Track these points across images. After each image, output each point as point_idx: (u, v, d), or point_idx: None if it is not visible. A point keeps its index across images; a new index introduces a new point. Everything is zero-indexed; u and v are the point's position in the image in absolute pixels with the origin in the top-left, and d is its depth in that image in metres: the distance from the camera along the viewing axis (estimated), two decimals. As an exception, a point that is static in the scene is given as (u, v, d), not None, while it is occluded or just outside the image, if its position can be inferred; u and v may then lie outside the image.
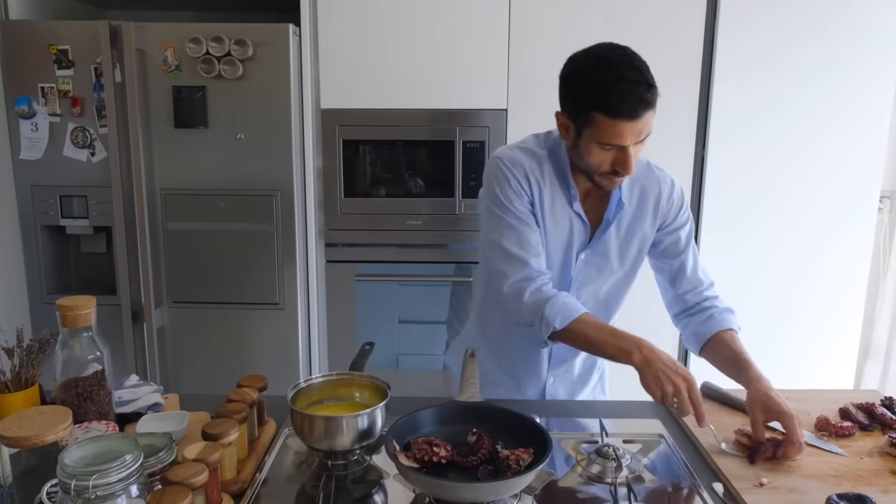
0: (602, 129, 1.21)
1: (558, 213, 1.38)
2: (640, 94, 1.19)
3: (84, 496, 0.81)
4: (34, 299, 2.38)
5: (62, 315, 1.08)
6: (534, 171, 1.36)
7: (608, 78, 1.20)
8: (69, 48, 2.21)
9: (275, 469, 1.13)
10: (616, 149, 1.23)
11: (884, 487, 1.06)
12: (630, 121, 1.19)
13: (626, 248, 1.42)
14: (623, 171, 1.25)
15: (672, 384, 1.15)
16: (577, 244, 1.40)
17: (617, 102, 1.19)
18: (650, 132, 1.25)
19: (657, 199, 1.40)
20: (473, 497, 0.98)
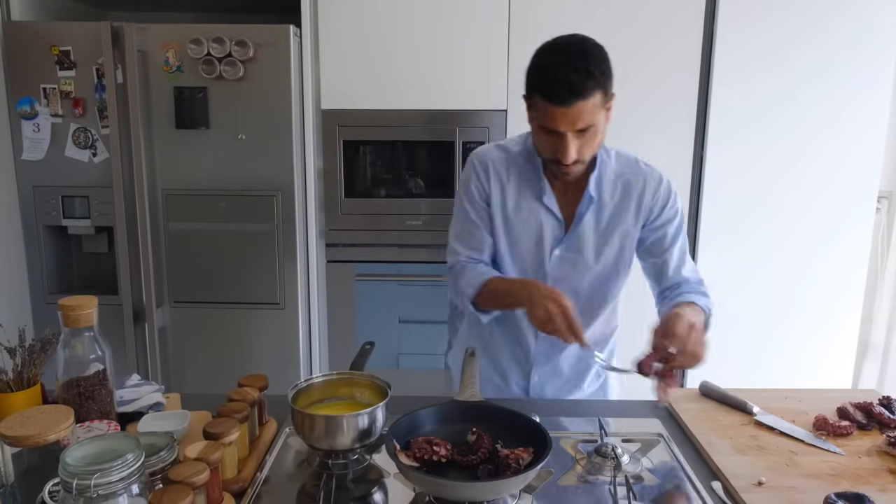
0: (541, 113, 1.23)
1: (526, 208, 1.39)
2: (574, 83, 1.17)
3: (86, 495, 0.81)
4: (36, 299, 2.38)
5: (64, 315, 1.08)
6: (498, 169, 1.40)
7: (550, 62, 1.22)
8: (71, 49, 2.21)
9: (276, 468, 1.13)
10: (557, 135, 1.23)
11: (882, 486, 1.06)
12: (562, 107, 1.19)
13: (604, 243, 1.39)
14: (562, 158, 1.24)
15: (544, 308, 1.17)
16: (550, 240, 1.40)
17: (550, 87, 1.20)
18: (594, 123, 1.22)
19: (641, 195, 1.38)
20: (473, 496, 0.98)
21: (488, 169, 1.41)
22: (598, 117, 1.23)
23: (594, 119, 1.22)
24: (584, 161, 1.29)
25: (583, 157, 1.27)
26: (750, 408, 1.31)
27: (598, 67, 1.20)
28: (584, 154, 1.27)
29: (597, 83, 1.20)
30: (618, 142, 2.34)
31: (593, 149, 1.28)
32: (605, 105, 1.25)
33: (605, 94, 1.23)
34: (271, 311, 2.39)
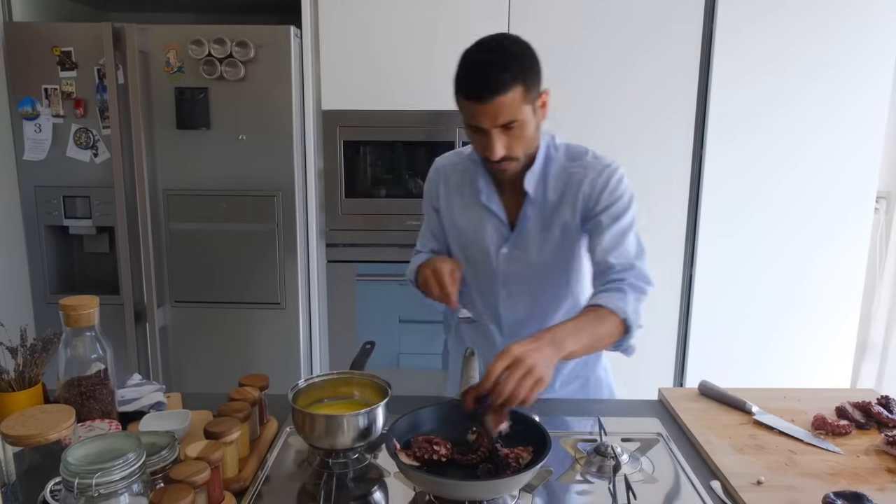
0: (465, 112, 1.24)
1: (472, 208, 1.41)
2: (489, 79, 1.17)
3: (87, 494, 0.81)
4: (38, 299, 2.38)
5: (65, 314, 1.08)
6: (448, 175, 1.45)
7: (467, 62, 1.22)
8: (72, 50, 2.21)
9: (276, 467, 1.13)
10: (482, 132, 1.23)
11: (880, 485, 1.06)
12: (480, 103, 1.19)
13: (545, 239, 1.38)
14: (489, 155, 1.25)
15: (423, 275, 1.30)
16: (496, 239, 1.40)
17: (468, 85, 1.21)
18: (517, 118, 1.21)
19: (579, 186, 1.35)
20: (473, 495, 0.98)
21: (439, 175, 1.48)
22: (522, 113, 1.21)
23: (516, 114, 1.20)
24: (517, 157, 1.28)
25: (513, 154, 1.26)
26: (749, 407, 1.31)
27: (514, 62, 1.19)
28: (514, 150, 1.26)
29: (513, 77, 1.18)
30: (617, 142, 2.36)
31: (524, 145, 1.27)
32: (529, 100, 1.22)
33: (526, 89, 1.20)
34: (272, 311, 2.39)
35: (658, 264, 2.42)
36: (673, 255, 2.44)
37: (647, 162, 2.37)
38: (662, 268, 2.45)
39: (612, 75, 2.32)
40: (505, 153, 1.24)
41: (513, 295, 1.42)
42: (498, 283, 1.42)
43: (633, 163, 2.37)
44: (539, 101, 1.27)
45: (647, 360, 2.49)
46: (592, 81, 2.33)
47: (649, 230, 2.40)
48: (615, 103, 2.34)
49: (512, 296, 1.42)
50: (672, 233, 2.42)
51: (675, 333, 2.50)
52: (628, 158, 2.35)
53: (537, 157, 1.36)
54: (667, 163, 2.38)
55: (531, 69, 1.22)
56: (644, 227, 2.41)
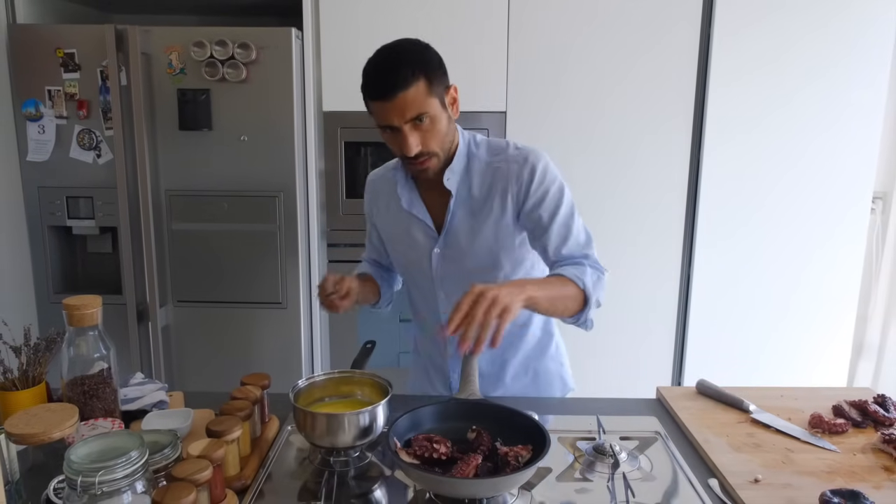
0: (375, 114, 1.26)
1: (399, 217, 1.43)
2: (390, 75, 1.20)
3: (90, 492, 0.81)
4: (41, 298, 2.38)
5: (69, 314, 1.08)
6: (378, 187, 1.49)
7: (368, 65, 1.25)
8: (76, 52, 2.21)
9: (278, 465, 1.13)
10: (395, 131, 1.24)
11: (876, 483, 1.06)
12: (385, 100, 1.21)
13: (477, 236, 1.36)
14: (405, 152, 1.25)
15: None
16: (426, 241, 1.41)
17: (372, 85, 1.23)
18: (425, 111, 1.22)
19: (506, 180, 1.33)
20: (473, 493, 0.98)
21: (370, 190, 1.52)
22: (430, 106, 1.22)
23: (423, 107, 1.21)
24: (434, 152, 1.27)
25: (428, 148, 1.26)
26: (746, 406, 1.31)
27: (412, 57, 1.22)
28: (429, 145, 1.26)
29: (413, 72, 1.20)
30: (616, 143, 2.37)
31: (438, 140, 1.27)
32: (435, 94, 1.23)
33: (429, 82, 1.22)
34: (273, 311, 2.39)
35: (656, 264, 2.44)
36: (671, 255, 2.44)
37: (646, 162, 2.37)
38: (660, 267, 2.45)
39: (611, 76, 2.32)
40: (420, 148, 1.25)
41: (451, 295, 1.40)
42: (435, 285, 1.42)
43: (631, 163, 2.38)
44: (448, 96, 1.28)
45: (645, 359, 2.50)
46: (591, 82, 2.33)
47: (648, 230, 2.42)
48: (614, 104, 2.34)
49: (450, 296, 1.40)
50: (670, 233, 2.42)
51: (674, 333, 2.50)
52: (627, 159, 2.37)
53: (457, 154, 1.36)
54: (665, 163, 2.38)
55: (431, 63, 1.24)
56: (643, 227, 2.44)
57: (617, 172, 2.38)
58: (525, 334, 1.48)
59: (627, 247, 2.43)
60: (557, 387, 1.54)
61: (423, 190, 1.41)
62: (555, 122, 2.35)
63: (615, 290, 2.42)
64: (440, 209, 1.39)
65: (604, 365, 2.50)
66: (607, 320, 2.47)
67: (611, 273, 2.39)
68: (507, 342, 1.45)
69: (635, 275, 2.45)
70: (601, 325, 1.55)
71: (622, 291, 2.45)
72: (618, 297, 2.45)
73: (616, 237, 2.42)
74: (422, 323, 1.52)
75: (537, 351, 1.50)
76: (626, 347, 2.48)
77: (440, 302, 1.44)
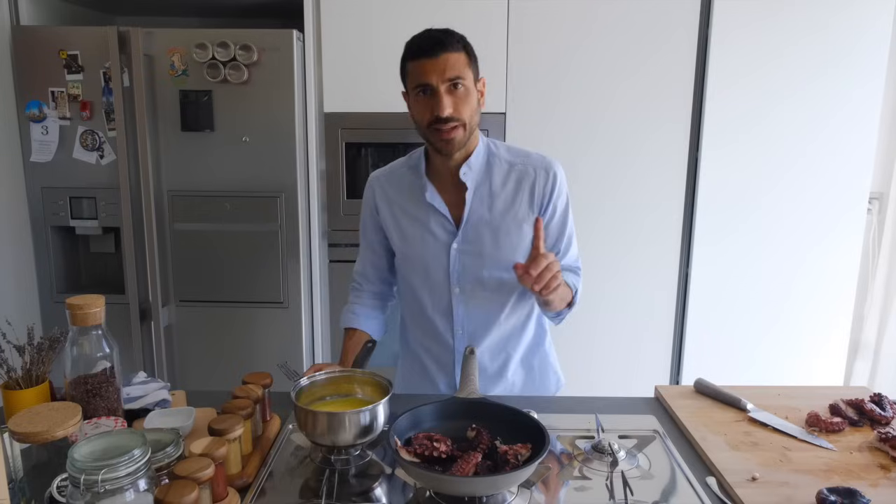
0: (412, 75, 1.32)
1: (415, 211, 1.44)
2: (435, 36, 1.30)
3: (93, 490, 0.81)
4: (44, 298, 2.38)
5: (72, 313, 1.08)
6: (384, 186, 1.50)
7: (415, 35, 1.35)
8: (79, 53, 2.21)
9: (279, 464, 1.13)
10: (430, 92, 1.30)
11: (873, 481, 1.06)
12: (428, 58, 1.28)
13: (500, 232, 1.41)
14: (438, 112, 1.29)
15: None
16: (443, 236, 1.42)
17: (417, 46, 1.31)
18: (463, 77, 1.29)
19: (532, 183, 1.41)
20: (472, 491, 0.98)
21: (374, 190, 1.51)
22: (467, 76, 1.30)
23: (462, 73, 1.29)
24: (463, 121, 1.31)
25: (459, 114, 1.31)
26: (744, 405, 1.31)
27: (459, 35, 1.33)
28: (461, 111, 1.31)
29: (459, 42, 1.31)
30: (614, 147, 2.36)
31: (468, 111, 1.32)
32: (472, 70, 1.33)
33: (469, 59, 1.32)
34: (275, 310, 2.39)
35: (655, 264, 2.44)
36: (669, 255, 2.44)
37: (645, 164, 2.37)
38: (659, 268, 2.45)
39: (610, 79, 2.32)
40: (452, 111, 1.29)
41: (465, 291, 1.44)
42: (451, 281, 1.43)
43: (630, 165, 2.38)
44: (479, 83, 1.36)
45: (643, 358, 2.50)
46: (590, 84, 2.33)
47: (647, 231, 2.42)
48: (613, 106, 2.34)
49: (465, 292, 1.44)
50: (669, 233, 2.43)
51: (672, 332, 2.50)
52: (626, 160, 2.38)
53: (475, 151, 1.41)
54: (664, 164, 2.38)
55: (472, 50, 1.35)
56: (641, 227, 2.44)
57: (616, 174, 2.38)
58: (526, 328, 1.51)
59: (626, 247, 2.43)
60: (552, 380, 1.58)
61: (437, 186, 1.43)
62: (554, 124, 2.35)
63: (614, 290, 2.44)
64: (455, 205, 1.42)
65: (602, 364, 2.50)
66: (606, 319, 2.48)
67: (609, 273, 2.42)
68: (510, 335, 1.49)
69: (634, 275, 2.45)
70: (599, 324, 1.56)
71: (621, 291, 2.45)
72: (617, 297, 2.46)
73: (615, 237, 2.42)
74: (426, 324, 1.50)
75: (534, 344, 1.54)
76: (624, 346, 2.48)
77: (454, 298, 1.44)
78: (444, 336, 1.48)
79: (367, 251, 1.56)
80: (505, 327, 1.47)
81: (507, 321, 1.47)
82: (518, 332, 1.50)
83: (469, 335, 1.47)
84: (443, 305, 1.46)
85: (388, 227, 1.49)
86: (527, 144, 1.50)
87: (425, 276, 1.46)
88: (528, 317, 1.51)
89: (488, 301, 1.45)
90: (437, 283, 1.45)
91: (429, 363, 1.53)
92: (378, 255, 1.55)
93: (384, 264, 1.57)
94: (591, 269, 2.41)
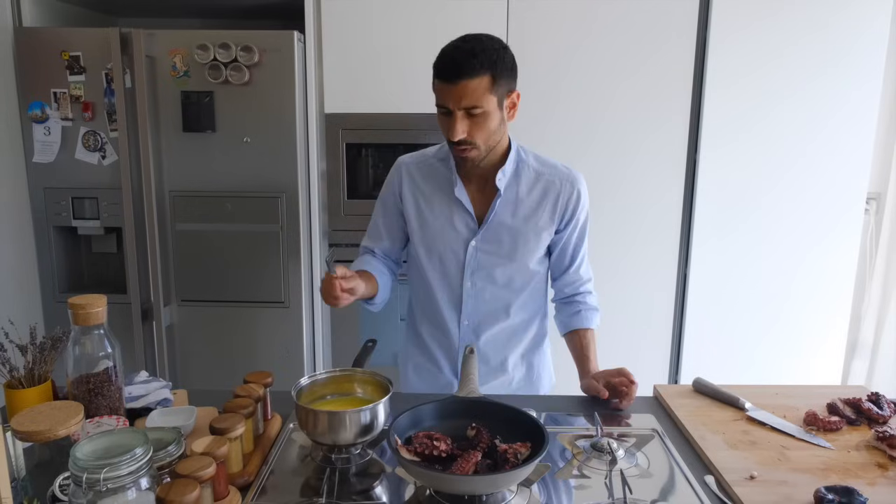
0: (436, 92, 1.32)
1: (440, 202, 1.45)
2: (459, 62, 1.26)
3: (95, 489, 0.81)
4: (47, 298, 2.38)
5: (74, 313, 1.08)
6: (412, 172, 1.49)
7: (447, 46, 1.31)
8: (81, 54, 2.21)
9: (280, 462, 1.13)
10: (448, 113, 1.30)
11: (870, 480, 1.06)
12: (447, 83, 1.27)
13: (520, 237, 1.44)
14: (450, 136, 1.30)
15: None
16: (465, 232, 1.44)
17: (440, 66, 1.29)
18: (480, 106, 1.27)
19: (557, 195, 1.44)
20: (472, 489, 0.98)
21: (402, 173, 1.51)
22: (487, 102, 1.27)
23: (480, 101, 1.26)
24: (475, 144, 1.32)
25: (472, 139, 1.31)
26: (742, 404, 1.31)
27: (485, 53, 1.26)
28: (476, 136, 1.31)
29: (482, 65, 1.25)
30: (614, 146, 2.37)
31: (484, 135, 1.32)
32: (496, 93, 1.29)
33: (493, 80, 1.27)
34: (276, 310, 2.39)
35: (654, 264, 2.44)
36: (668, 256, 2.44)
37: (644, 165, 2.37)
38: (658, 268, 2.45)
39: (610, 80, 2.32)
40: (464, 136, 1.30)
41: (476, 286, 1.47)
42: (465, 274, 1.46)
43: (630, 166, 2.38)
44: (508, 99, 1.33)
45: (642, 357, 2.50)
46: (590, 86, 2.33)
47: (646, 231, 2.42)
48: (613, 107, 2.34)
49: (475, 287, 1.47)
50: (668, 233, 2.43)
51: (670, 332, 2.50)
52: (625, 161, 2.38)
53: (509, 157, 1.42)
54: (663, 165, 2.38)
55: (502, 64, 1.29)
56: (640, 227, 2.44)
57: (615, 174, 2.38)
58: (530, 326, 1.55)
59: (626, 247, 2.43)
60: (546, 379, 1.62)
61: (464, 182, 1.45)
62: (554, 124, 2.35)
63: (614, 290, 2.44)
64: (480, 204, 1.44)
65: (602, 363, 2.48)
66: (605, 319, 2.45)
67: (609, 273, 2.42)
68: (514, 331, 1.52)
69: (633, 275, 2.45)
70: (600, 324, 1.57)
71: (620, 291, 2.45)
72: (616, 297, 2.45)
73: (615, 238, 2.42)
74: (434, 313, 1.52)
75: (536, 344, 1.57)
76: (623, 346, 2.48)
77: (465, 291, 1.47)
78: (449, 326, 1.51)
79: (383, 231, 1.55)
80: (510, 323, 1.50)
81: (513, 318, 1.50)
82: (522, 330, 1.53)
83: (474, 328, 1.49)
84: (453, 297, 1.49)
85: (409, 214, 1.49)
86: (526, 144, 1.50)
87: (440, 267, 1.48)
88: (533, 316, 1.54)
89: (497, 297, 1.48)
90: (450, 275, 1.47)
91: (435, 349, 1.55)
92: (392, 239, 1.55)
93: (393, 248, 1.57)
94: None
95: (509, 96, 1.33)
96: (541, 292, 1.55)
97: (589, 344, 1.50)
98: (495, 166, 1.41)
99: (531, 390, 1.57)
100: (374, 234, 1.56)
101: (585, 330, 1.51)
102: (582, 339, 1.50)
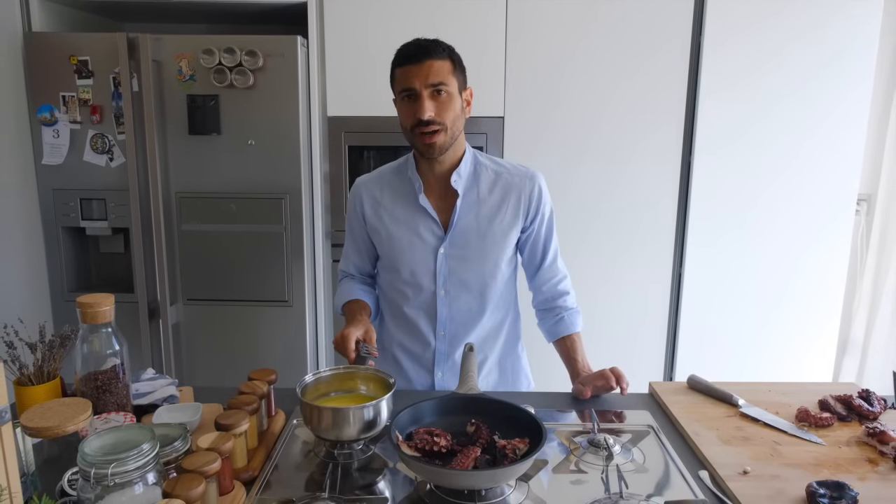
0: (398, 81, 1.35)
1: (403, 215, 1.45)
2: (421, 44, 1.32)
3: (103, 483, 0.81)
4: (56, 297, 2.38)
5: (82, 312, 1.08)
6: (371, 189, 1.50)
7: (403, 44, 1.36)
8: (89, 59, 2.21)
9: (284, 458, 1.13)
10: (414, 97, 1.32)
11: (861, 475, 1.06)
12: (413, 64, 1.31)
13: (485, 237, 1.43)
14: (419, 114, 1.31)
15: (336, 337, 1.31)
16: (432, 240, 1.43)
17: (403, 52, 1.34)
18: (446, 84, 1.31)
19: (519, 193, 1.44)
20: (472, 484, 0.98)
21: (361, 193, 1.51)
22: (450, 84, 1.32)
23: (446, 80, 1.31)
24: (444, 125, 1.33)
25: (441, 119, 1.32)
26: (735, 400, 1.31)
27: (444, 45, 1.35)
28: (442, 115, 1.33)
29: (444, 50, 1.33)
30: (609, 149, 2.36)
31: (452, 117, 1.34)
32: (457, 78, 1.34)
33: (454, 67, 1.34)
34: (280, 309, 2.39)
35: (649, 264, 2.44)
36: (663, 256, 2.44)
37: (640, 167, 2.37)
38: (653, 268, 2.45)
39: (607, 83, 2.32)
40: (433, 115, 1.31)
41: (450, 293, 1.45)
42: (437, 284, 1.44)
43: (626, 167, 2.38)
44: (465, 91, 1.38)
45: (638, 355, 2.50)
46: (587, 89, 2.33)
47: (641, 232, 2.42)
48: (610, 110, 2.34)
49: (449, 294, 1.45)
50: (663, 234, 2.42)
51: (665, 330, 2.50)
52: (622, 163, 2.38)
53: (463, 159, 1.43)
54: (658, 167, 2.38)
55: (458, 58, 1.37)
56: (636, 228, 2.44)
57: (612, 176, 2.38)
58: (501, 331, 1.53)
59: (622, 247, 2.43)
60: (523, 382, 1.60)
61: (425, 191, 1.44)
62: (552, 128, 2.35)
63: (610, 289, 2.44)
64: (443, 213, 1.44)
65: (597, 361, 2.48)
66: (602, 318, 2.47)
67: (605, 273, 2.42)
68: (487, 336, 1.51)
69: (629, 274, 2.45)
70: (595, 322, 1.58)
71: (616, 290, 2.45)
72: (612, 296, 2.46)
73: (611, 238, 2.42)
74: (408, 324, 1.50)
75: (509, 348, 1.56)
76: (619, 345, 2.48)
77: (439, 300, 1.45)
78: (426, 336, 1.49)
79: (354, 254, 1.56)
80: (484, 329, 1.49)
81: (486, 323, 1.49)
82: (494, 335, 1.52)
83: (451, 336, 1.48)
84: (427, 307, 1.47)
85: (374, 230, 1.49)
86: (524, 148, 1.51)
87: (411, 279, 1.46)
88: (503, 321, 1.53)
89: (470, 303, 1.46)
90: (423, 285, 1.46)
91: (404, 361, 1.53)
92: (363, 259, 1.56)
93: (369, 268, 1.58)
94: (587, 269, 2.42)
95: (465, 90, 1.38)
96: (511, 294, 1.54)
97: (575, 347, 1.49)
98: (453, 169, 1.42)
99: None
100: (349, 257, 1.57)
101: (570, 335, 1.51)
102: (568, 344, 1.50)
